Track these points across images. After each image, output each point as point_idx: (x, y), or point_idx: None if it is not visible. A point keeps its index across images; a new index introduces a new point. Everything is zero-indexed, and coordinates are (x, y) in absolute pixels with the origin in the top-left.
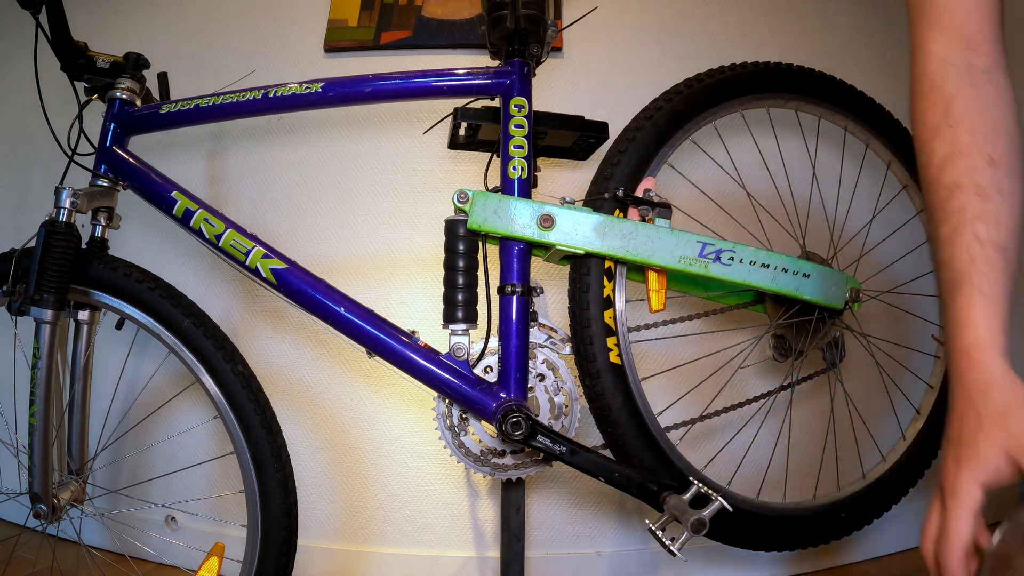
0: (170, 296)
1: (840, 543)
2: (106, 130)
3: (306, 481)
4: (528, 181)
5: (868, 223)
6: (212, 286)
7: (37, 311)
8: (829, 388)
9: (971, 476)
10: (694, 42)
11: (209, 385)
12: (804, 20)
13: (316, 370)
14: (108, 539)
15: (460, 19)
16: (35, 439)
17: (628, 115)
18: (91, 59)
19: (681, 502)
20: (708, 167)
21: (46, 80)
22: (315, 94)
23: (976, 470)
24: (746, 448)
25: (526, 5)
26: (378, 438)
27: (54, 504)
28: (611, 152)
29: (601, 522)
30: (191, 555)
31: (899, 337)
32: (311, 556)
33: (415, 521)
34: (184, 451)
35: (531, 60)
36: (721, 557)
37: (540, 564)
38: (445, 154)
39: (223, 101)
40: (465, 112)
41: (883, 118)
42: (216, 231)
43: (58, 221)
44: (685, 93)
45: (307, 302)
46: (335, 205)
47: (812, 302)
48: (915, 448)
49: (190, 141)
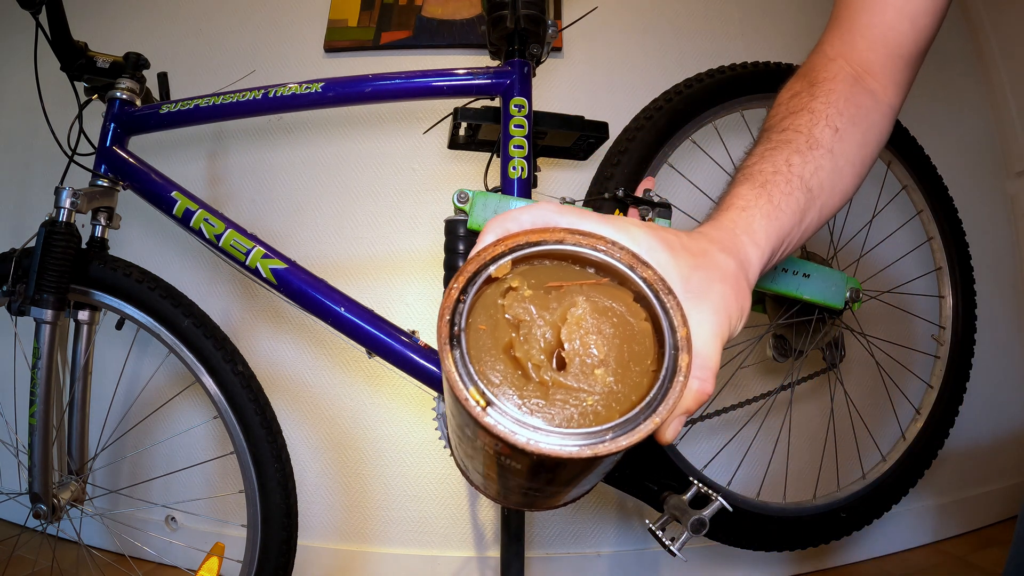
0: (170, 296)
1: (840, 543)
2: (106, 130)
3: (306, 481)
4: (528, 181)
5: (868, 223)
6: (212, 286)
7: (37, 311)
8: (829, 388)
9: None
10: (694, 42)
11: (209, 385)
12: (805, 20)
13: (316, 370)
14: (108, 539)
15: (460, 19)
16: (35, 439)
17: (628, 115)
18: (91, 59)
19: (681, 502)
20: (708, 167)
21: (46, 80)
22: (315, 94)
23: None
24: (746, 448)
25: (526, 5)
26: (378, 438)
27: (54, 504)
28: (611, 152)
29: (601, 522)
30: (191, 555)
31: (899, 337)
32: (311, 556)
33: (415, 521)
34: (184, 451)
35: (531, 60)
36: (721, 557)
37: (540, 564)
38: (445, 154)
39: (223, 101)
40: (465, 112)
41: None
42: (216, 231)
43: (58, 221)
44: (685, 93)
45: (307, 302)
46: (335, 205)
47: (812, 302)
48: (915, 448)
49: (190, 141)
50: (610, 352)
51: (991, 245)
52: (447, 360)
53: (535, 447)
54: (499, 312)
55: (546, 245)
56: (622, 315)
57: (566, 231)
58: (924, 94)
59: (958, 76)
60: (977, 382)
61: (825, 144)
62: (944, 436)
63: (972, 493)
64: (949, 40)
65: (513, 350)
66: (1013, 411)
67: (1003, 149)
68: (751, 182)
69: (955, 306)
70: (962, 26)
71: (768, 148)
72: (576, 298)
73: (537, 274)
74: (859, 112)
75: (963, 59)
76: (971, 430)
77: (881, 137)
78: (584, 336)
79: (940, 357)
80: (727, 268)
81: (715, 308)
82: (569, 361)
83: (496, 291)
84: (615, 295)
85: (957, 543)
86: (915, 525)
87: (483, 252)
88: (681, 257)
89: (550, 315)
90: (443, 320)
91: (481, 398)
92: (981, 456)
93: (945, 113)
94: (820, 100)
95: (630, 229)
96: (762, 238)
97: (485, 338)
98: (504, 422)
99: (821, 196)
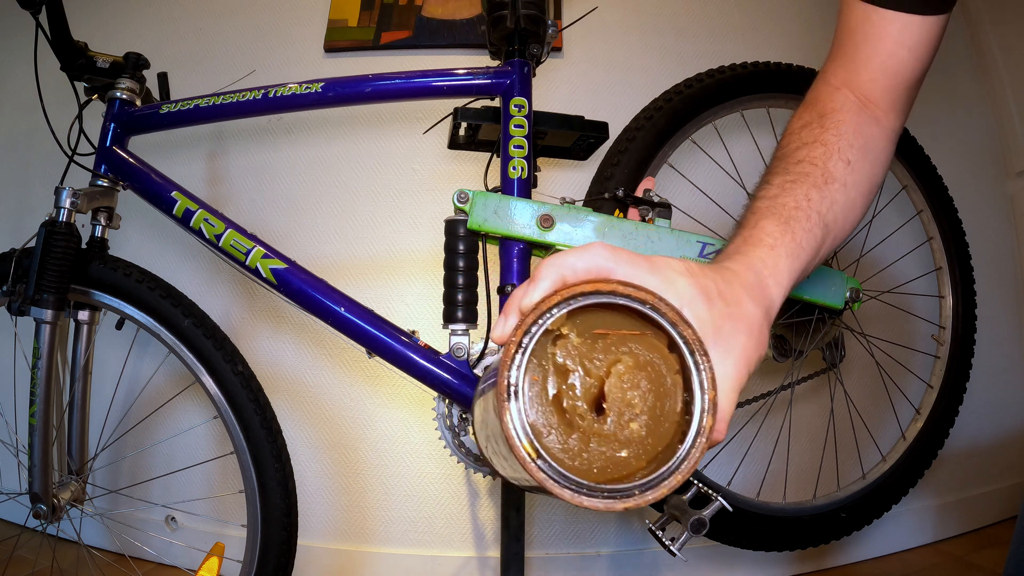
0: (170, 296)
1: (840, 543)
2: (106, 130)
3: (306, 481)
4: (528, 181)
5: (868, 223)
6: (212, 286)
7: (37, 311)
8: (829, 388)
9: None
10: (694, 42)
11: (209, 385)
12: (805, 20)
13: (316, 370)
14: (108, 539)
15: (460, 19)
16: (35, 439)
17: (628, 115)
18: (91, 59)
19: (681, 502)
20: (708, 167)
21: (46, 80)
22: (315, 94)
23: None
24: (746, 448)
25: (526, 5)
26: (378, 438)
27: (54, 504)
28: (611, 152)
29: (601, 522)
30: (191, 555)
31: (899, 337)
32: (311, 556)
33: (415, 521)
34: (184, 451)
35: (531, 60)
36: (721, 557)
37: (540, 564)
38: (445, 154)
39: (223, 101)
40: (465, 112)
41: None
42: (216, 231)
43: (58, 221)
44: (685, 93)
45: (307, 302)
46: (335, 205)
47: (812, 302)
48: (915, 448)
49: (190, 141)
50: (645, 406)
51: (991, 245)
52: (505, 414)
53: (572, 500)
54: (550, 362)
55: (600, 297)
56: (659, 369)
57: (619, 283)
58: (924, 95)
59: (958, 76)
60: (977, 382)
61: (839, 178)
62: (944, 436)
63: (972, 493)
64: (949, 40)
65: (561, 400)
66: (1013, 411)
67: (1003, 149)
68: (776, 218)
69: (955, 306)
70: (962, 26)
71: (788, 180)
72: (620, 351)
73: (586, 320)
74: (867, 143)
75: (963, 59)
76: (971, 430)
77: (887, 163)
78: (625, 390)
79: (940, 357)
80: (754, 319)
81: (737, 360)
82: (609, 413)
83: (548, 337)
84: (654, 346)
85: (957, 543)
86: (915, 525)
87: (541, 304)
88: (716, 307)
89: (595, 367)
90: (502, 376)
91: (532, 451)
92: (981, 456)
93: (945, 113)
94: (831, 132)
95: (676, 281)
96: (786, 279)
97: (537, 389)
98: (550, 473)
99: (835, 229)
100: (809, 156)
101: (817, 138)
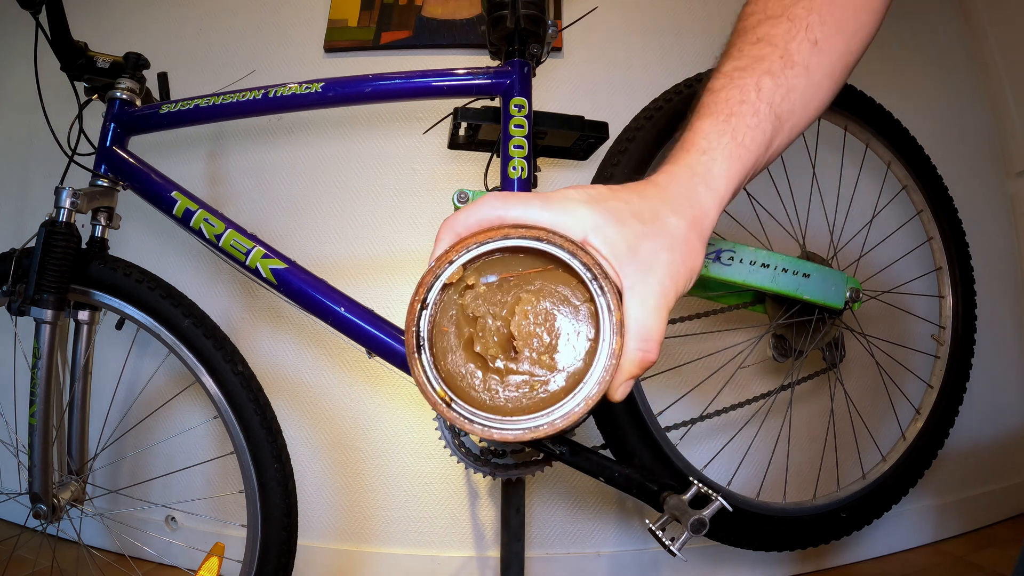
0: (170, 296)
1: (840, 543)
2: (106, 130)
3: (306, 481)
4: (528, 181)
5: (868, 223)
6: (212, 286)
7: (37, 311)
8: (829, 388)
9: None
10: (695, 42)
11: (209, 385)
12: None
13: (316, 370)
14: (108, 539)
15: (460, 19)
16: (35, 439)
17: (628, 115)
18: (91, 59)
19: (681, 502)
20: None
21: (46, 80)
22: (315, 94)
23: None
24: (746, 448)
25: (526, 5)
26: (378, 438)
27: (54, 504)
28: (611, 152)
29: (601, 522)
30: (191, 555)
31: (899, 337)
32: (311, 556)
33: (415, 521)
34: (184, 451)
35: (531, 60)
36: (721, 557)
37: (540, 564)
38: (445, 154)
39: (223, 101)
40: (465, 112)
41: (883, 118)
42: (216, 231)
43: (58, 221)
44: (685, 93)
45: (307, 302)
46: (335, 205)
47: (812, 302)
48: (915, 448)
49: (190, 141)
50: (556, 339)
51: (991, 245)
52: (415, 367)
53: (487, 434)
54: (459, 311)
55: (492, 243)
56: (569, 301)
57: (509, 227)
58: (924, 94)
59: (958, 76)
60: (977, 382)
61: (801, 62)
62: (944, 436)
63: (972, 493)
64: (949, 40)
65: (474, 344)
66: (1013, 411)
67: (1003, 149)
68: (715, 116)
69: (955, 306)
70: (962, 26)
71: (738, 67)
72: (525, 287)
73: (492, 268)
74: (845, 15)
75: (963, 59)
76: (971, 430)
77: (869, 39)
78: (532, 324)
79: (940, 357)
80: (676, 232)
81: (662, 278)
82: (521, 350)
83: (455, 291)
84: (562, 279)
85: (957, 543)
86: (915, 525)
87: (438, 261)
88: (629, 227)
89: (502, 308)
90: (408, 331)
91: (445, 396)
92: (981, 456)
93: (945, 113)
94: (802, 3)
95: (576, 210)
96: (722, 183)
97: (450, 338)
98: (462, 411)
99: (791, 119)
100: (769, 34)
101: (785, 11)
